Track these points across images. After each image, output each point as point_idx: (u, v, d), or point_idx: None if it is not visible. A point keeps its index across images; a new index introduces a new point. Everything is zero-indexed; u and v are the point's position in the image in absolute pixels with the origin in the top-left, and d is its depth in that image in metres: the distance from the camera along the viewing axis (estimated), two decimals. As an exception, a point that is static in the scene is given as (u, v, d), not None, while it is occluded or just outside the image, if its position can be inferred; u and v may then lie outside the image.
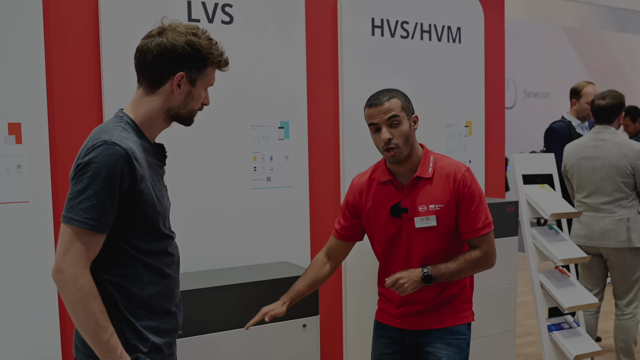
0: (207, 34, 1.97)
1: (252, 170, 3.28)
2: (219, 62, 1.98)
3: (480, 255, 2.47)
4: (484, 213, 2.46)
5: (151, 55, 1.89)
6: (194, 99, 1.98)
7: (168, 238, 1.98)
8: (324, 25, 3.54)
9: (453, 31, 3.98)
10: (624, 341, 4.20)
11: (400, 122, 2.42)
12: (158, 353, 1.93)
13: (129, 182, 1.80)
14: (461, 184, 2.43)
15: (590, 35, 14.46)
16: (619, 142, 4.10)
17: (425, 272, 2.40)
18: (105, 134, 1.81)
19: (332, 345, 3.66)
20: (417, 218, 2.45)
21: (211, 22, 3.13)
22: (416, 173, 2.47)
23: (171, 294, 1.99)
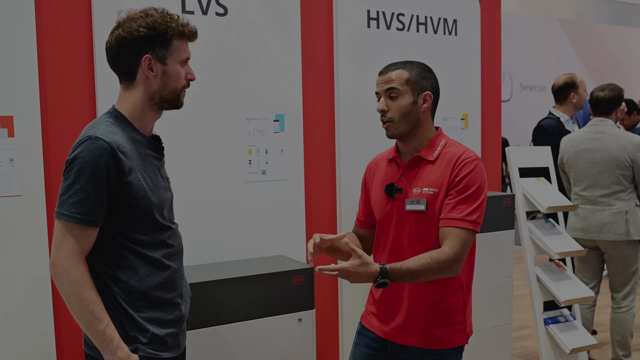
0: (163, 11, 1.95)
1: (247, 163, 3.26)
2: (181, 32, 1.95)
3: (448, 255, 2.09)
4: (474, 208, 2.14)
5: (114, 49, 1.93)
6: (172, 78, 1.96)
7: (166, 229, 1.99)
8: (319, 16, 3.52)
9: (449, 23, 3.96)
10: (620, 334, 4.20)
11: (398, 96, 2.25)
12: (160, 344, 1.94)
13: (116, 175, 1.82)
14: (459, 167, 2.17)
15: (586, 28, 14.45)
16: (618, 134, 4.09)
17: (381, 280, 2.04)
18: (91, 130, 1.85)
19: (328, 340, 3.65)
20: (407, 200, 2.24)
21: (205, 14, 3.10)
22: (419, 153, 2.28)
23: (172, 284, 1.99)
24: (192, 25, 2.00)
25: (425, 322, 2.26)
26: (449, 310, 2.26)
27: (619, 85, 4.30)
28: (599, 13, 14.76)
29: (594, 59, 14.12)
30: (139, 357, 1.89)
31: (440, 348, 2.26)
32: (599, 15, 14.77)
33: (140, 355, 1.89)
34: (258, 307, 2.84)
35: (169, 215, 2.03)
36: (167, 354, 1.97)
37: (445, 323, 2.26)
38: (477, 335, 3.62)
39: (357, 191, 3.62)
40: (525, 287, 6.23)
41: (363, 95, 3.64)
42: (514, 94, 12.42)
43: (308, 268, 2.96)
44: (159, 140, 2.06)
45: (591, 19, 14.67)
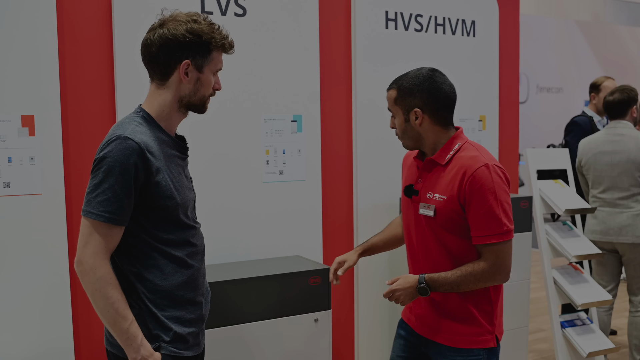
0: (208, 20, 1.98)
1: (265, 163, 3.27)
2: (222, 45, 1.99)
3: (484, 268, 2.16)
4: (496, 219, 2.14)
5: (155, 47, 1.93)
6: (204, 85, 1.99)
7: (190, 228, 2.01)
8: (337, 18, 3.52)
9: (467, 25, 3.94)
10: (638, 338, 4.16)
11: (394, 115, 2.32)
12: (182, 342, 1.96)
13: (144, 175, 1.84)
14: (469, 182, 2.14)
15: (603, 29, 14.34)
16: (637, 136, 4.06)
17: (421, 285, 2.19)
18: (119, 129, 1.86)
19: (344, 340, 3.65)
20: (421, 204, 2.27)
21: (224, 14, 3.12)
22: (432, 157, 2.27)
23: (195, 284, 2.02)
24: (231, 38, 2.04)
25: (452, 318, 2.28)
26: (474, 311, 2.27)
27: (634, 86, 4.27)
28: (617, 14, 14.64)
29: (611, 60, 14.01)
30: (162, 355, 1.91)
31: (465, 347, 2.26)
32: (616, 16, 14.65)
33: (163, 354, 1.91)
34: (275, 307, 2.85)
35: (192, 215, 2.06)
36: (189, 352, 1.99)
37: (471, 322, 2.27)
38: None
39: (374, 192, 3.63)
40: (542, 290, 6.19)
41: (381, 96, 3.63)
42: (531, 96, 12.36)
43: (325, 268, 2.97)
44: (184, 140, 2.08)
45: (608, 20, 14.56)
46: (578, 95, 12.15)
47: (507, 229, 2.16)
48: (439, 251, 2.25)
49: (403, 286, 2.22)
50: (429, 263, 2.29)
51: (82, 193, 2.84)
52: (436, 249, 2.26)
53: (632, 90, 4.19)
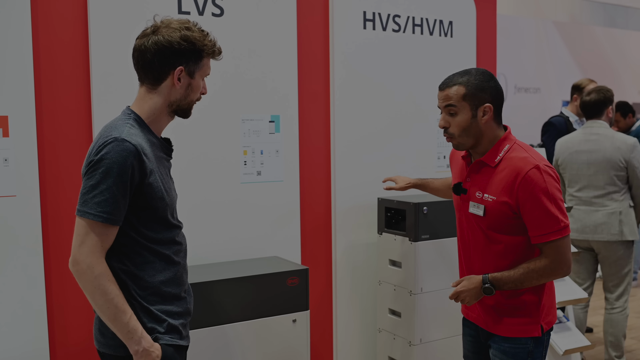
0: (198, 26, 2.05)
1: (243, 164, 3.26)
2: (213, 52, 2.07)
3: (546, 264, 2.23)
4: (553, 217, 2.20)
5: (150, 53, 1.97)
6: (193, 90, 2.06)
7: (176, 228, 2.07)
8: (315, 18, 3.52)
9: (445, 25, 3.96)
10: (614, 335, 4.21)
11: (457, 112, 2.29)
12: (176, 333, 2.03)
13: (139, 176, 1.89)
14: (522, 184, 2.20)
15: (580, 30, 14.49)
16: (612, 135, 4.11)
17: (486, 285, 2.27)
18: (115, 131, 1.90)
19: (322, 341, 3.65)
20: (471, 203, 2.35)
21: (201, 14, 3.10)
22: (482, 157, 2.33)
23: (180, 280, 2.07)
24: (219, 44, 2.10)
25: (504, 311, 2.37)
26: (522, 302, 2.35)
27: (610, 87, 4.32)
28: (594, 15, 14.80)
29: (588, 61, 14.15)
30: (160, 345, 1.96)
31: (514, 336, 2.35)
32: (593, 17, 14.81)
33: (161, 344, 1.97)
34: (252, 308, 2.85)
35: (176, 215, 2.12)
36: (183, 342, 2.06)
37: (521, 314, 2.35)
38: (471, 336, 3.64)
39: (352, 193, 3.64)
40: (519, 288, 6.23)
41: (359, 96, 3.64)
42: (509, 95, 12.44)
43: (303, 269, 2.96)
44: (170, 142, 2.14)
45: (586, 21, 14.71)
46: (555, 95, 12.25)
47: (564, 224, 2.23)
48: (489, 248, 2.34)
49: (468, 287, 2.31)
50: (481, 259, 2.38)
51: (57, 194, 2.83)
52: (487, 246, 2.35)
53: (608, 90, 4.24)
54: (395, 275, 3.52)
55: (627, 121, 6.62)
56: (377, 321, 3.71)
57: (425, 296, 3.43)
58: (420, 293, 3.41)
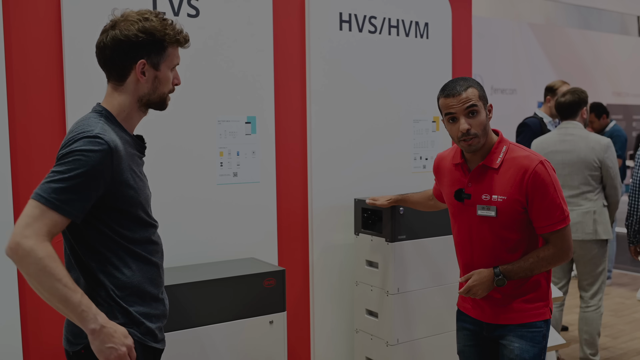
0: (160, 16, 1.97)
1: (219, 165, 3.25)
2: (177, 40, 1.98)
3: (554, 252, 2.39)
4: (559, 207, 2.37)
5: (109, 50, 1.92)
6: (162, 83, 1.99)
7: (151, 226, 2.02)
8: (291, 19, 3.52)
9: (421, 27, 3.98)
10: (588, 333, 4.26)
11: (478, 112, 2.38)
12: (152, 336, 1.98)
13: (112, 175, 1.83)
14: (532, 179, 2.34)
15: (556, 32, 14.64)
16: (587, 136, 4.16)
17: (498, 277, 2.37)
18: (87, 127, 1.84)
19: (299, 342, 3.65)
20: (479, 206, 2.43)
21: (177, 15, 3.09)
22: (483, 161, 2.43)
23: (158, 280, 2.03)
24: (186, 32, 2.02)
25: (513, 301, 2.47)
26: (533, 287, 2.47)
27: (584, 88, 4.38)
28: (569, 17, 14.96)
29: (563, 62, 14.29)
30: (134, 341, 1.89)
31: (530, 321, 2.46)
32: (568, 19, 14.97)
33: (135, 340, 1.91)
34: (229, 309, 2.84)
35: (151, 213, 2.06)
36: (158, 345, 2.02)
37: (531, 299, 2.47)
38: (447, 336, 3.65)
39: (329, 194, 3.64)
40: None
41: (335, 97, 3.65)
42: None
43: (279, 270, 2.96)
44: (142, 139, 2.08)
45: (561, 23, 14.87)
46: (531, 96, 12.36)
47: (567, 213, 2.40)
48: (497, 246, 2.44)
49: (480, 281, 2.40)
50: (485, 257, 2.46)
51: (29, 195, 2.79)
52: (496, 245, 2.43)
53: (582, 92, 4.29)
54: (372, 276, 3.53)
55: (601, 122, 6.71)
56: (355, 322, 3.72)
57: (402, 296, 3.44)
58: (397, 293, 3.42)
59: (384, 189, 3.83)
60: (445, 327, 3.64)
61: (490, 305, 2.50)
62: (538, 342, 2.47)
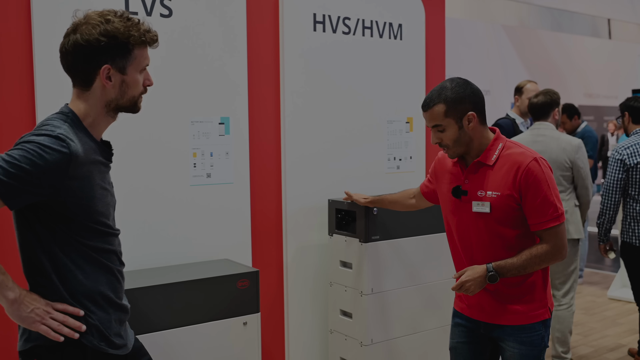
0: (124, 15, 1.87)
1: (192, 166, 3.23)
2: (143, 41, 1.89)
3: (547, 250, 2.38)
4: (552, 205, 2.37)
5: (70, 55, 1.84)
6: (130, 87, 1.90)
7: (109, 235, 1.94)
8: (265, 19, 3.51)
9: (394, 28, 4.00)
10: (560, 331, 4.31)
11: (444, 129, 2.42)
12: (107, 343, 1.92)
13: (63, 181, 1.75)
14: (524, 175, 2.35)
15: (528, 34, 14.79)
16: (558, 137, 4.20)
17: (490, 273, 2.37)
18: (51, 126, 1.77)
19: (274, 343, 3.64)
20: (474, 202, 2.44)
21: (149, 15, 3.06)
22: (479, 158, 2.46)
23: (116, 286, 1.97)
24: (154, 30, 1.93)
25: (510, 301, 2.48)
26: (530, 288, 2.48)
27: (556, 89, 4.43)
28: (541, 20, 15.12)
29: (536, 64, 14.46)
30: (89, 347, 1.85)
31: (528, 323, 2.47)
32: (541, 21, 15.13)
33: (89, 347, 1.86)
34: (203, 311, 2.82)
35: (113, 221, 1.99)
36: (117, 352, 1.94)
37: (528, 300, 2.48)
38: (421, 336, 3.67)
39: (303, 194, 3.64)
40: (470, 287, 6.33)
41: (309, 97, 3.65)
42: (460, 98, 12.61)
43: (253, 271, 2.95)
44: (109, 146, 1.99)
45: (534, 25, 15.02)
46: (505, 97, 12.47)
47: (561, 211, 2.40)
48: (494, 243, 2.44)
49: (473, 277, 2.39)
50: (484, 255, 2.46)
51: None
52: (492, 242, 2.44)
53: (554, 93, 4.34)
54: (346, 277, 3.54)
55: (573, 123, 6.79)
56: (329, 322, 3.72)
57: (376, 297, 3.45)
58: (371, 294, 3.43)
59: (357, 189, 3.83)
60: (420, 327, 3.66)
61: (486, 305, 2.52)
62: (537, 345, 2.49)
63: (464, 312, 2.62)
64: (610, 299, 6.46)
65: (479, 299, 2.53)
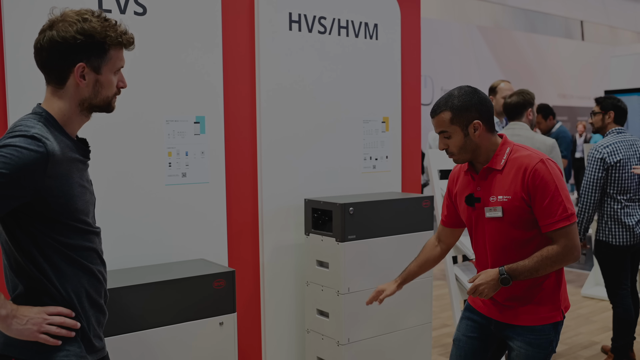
0: (102, 16, 1.87)
1: (167, 166, 3.20)
2: (119, 42, 1.89)
3: (558, 251, 2.37)
4: (561, 205, 2.37)
5: (45, 52, 1.84)
6: (104, 87, 1.90)
7: (89, 233, 1.93)
8: (240, 18, 3.50)
9: (370, 27, 4.01)
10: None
11: (450, 136, 2.45)
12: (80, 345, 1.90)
13: (43, 180, 1.75)
14: (531, 177, 2.37)
15: (503, 35, 14.93)
16: (532, 136, 4.24)
17: (503, 276, 2.37)
18: (24, 127, 1.76)
19: (250, 343, 3.63)
20: (486, 208, 2.47)
21: (123, 12, 3.03)
22: (488, 164, 2.49)
23: (97, 286, 1.96)
24: (130, 32, 1.94)
25: (523, 301, 2.50)
26: (544, 289, 2.50)
27: (531, 90, 4.47)
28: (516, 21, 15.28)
29: (510, 64, 14.60)
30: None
31: (539, 324, 2.49)
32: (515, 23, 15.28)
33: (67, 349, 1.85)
34: (178, 311, 2.80)
35: (93, 219, 1.98)
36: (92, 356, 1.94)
37: (541, 302, 2.50)
38: (398, 334, 3.68)
39: (280, 194, 3.63)
40: (445, 286, 6.37)
41: (285, 97, 3.64)
42: (435, 97, 12.71)
43: (229, 271, 2.94)
44: (86, 143, 1.99)
45: (508, 26, 15.16)
46: (480, 97, 12.59)
47: (572, 212, 2.39)
48: (509, 247, 2.47)
49: (486, 280, 2.40)
50: (501, 260, 2.48)
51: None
52: (507, 245, 2.47)
53: (528, 93, 4.38)
54: (323, 276, 3.54)
55: (548, 123, 6.86)
56: (306, 322, 3.72)
57: (352, 296, 3.45)
58: (348, 293, 3.43)
59: (334, 189, 3.84)
60: (396, 326, 3.67)
61: (499, 304, 2.55)
62: (545, 348, 2.50)
63: (479, 309, 2.65)
64: (584, 297, 6.54)
65: (492, 302, 2.58)
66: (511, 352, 2.57)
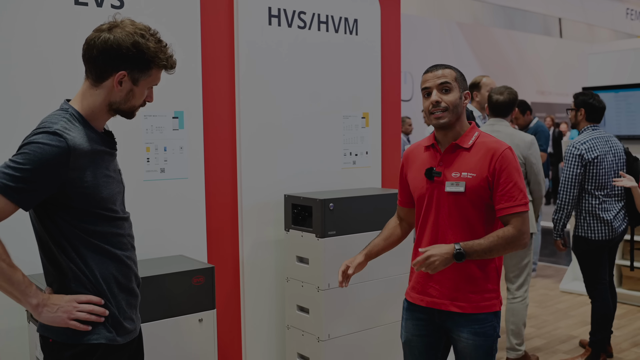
0: (157, 36, 2.03)
1: (145, 161, 3.17)
2: (164, 65, 2.04)
3: (513, 233, 2.43)
4: (521, 192, 2.47)
5: (96, 50, 1.95)
6: (135, 97, 2.04)
7: (118, 219, 2.06)
8: (219, 12, 3.47)
9: (350, 23, 3.99)
10: (514, 323, 4.38)
11: (450, 90, 2.52)
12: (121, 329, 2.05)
13: (67, 173, 1.87)
14: (499, 160, 2.47)
15: (482, 31, 15.00)
16: (512, 133, 4.26)
17: (457, 249, 2.36)
18: (49, 123, 1.89)
19: (230, 339, 3.61)
20: (447, 182, 2.51)
21: (100, 6, 2.99)
22: (456, 141, 2.54)
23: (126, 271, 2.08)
24: (175, 57, 2.08)
25: (463, 289, 2.52)
26: (484, 278, 2.54)
27: (510, 86, 4.48)
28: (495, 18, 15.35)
29: (489, 60, 14.68)
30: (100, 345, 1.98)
31: (480, 312, 2.52)
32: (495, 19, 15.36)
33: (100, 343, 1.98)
34: (157, 308, 2.77)
35: (121, 206, 2.11)
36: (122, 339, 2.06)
37: (482, 290, 2.53)
38: (376, 331, 3.69)
39: (259, 189, 3.62)
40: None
41: (264, 92, 3.62)
42: (416, 94, 12.74)
43: (208, 267, 2.91)
44: (112, 135, 2.13)
45: (487, 23, 15.24)
46: (459, 94, 12.64)
47: (527, 200, 2.49)
48: (462, 226, 2.51)
49: (439, 252, 2.37)
50: (448, 237, 2.51)
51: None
52: (460, 224, 2.51)
53: (516, 92, 4.42)
54: (303, 272, 3.52)
55: (525, 118, 6.91)
56: (286, 318, 3.71)
57: (332, 292, 3.45)
58: (328, 289, 3.43)
59: (314, 185, 3.83)
60: (377, 322, 3.67)
61: (440, 292, 2.55)
62: (490, 335, 2.54)
63: (420, 302, 2.62)
64: (562, 291, 6.59)
65: (432, 287, 2.56)
66: (457, 344, 2.58)
